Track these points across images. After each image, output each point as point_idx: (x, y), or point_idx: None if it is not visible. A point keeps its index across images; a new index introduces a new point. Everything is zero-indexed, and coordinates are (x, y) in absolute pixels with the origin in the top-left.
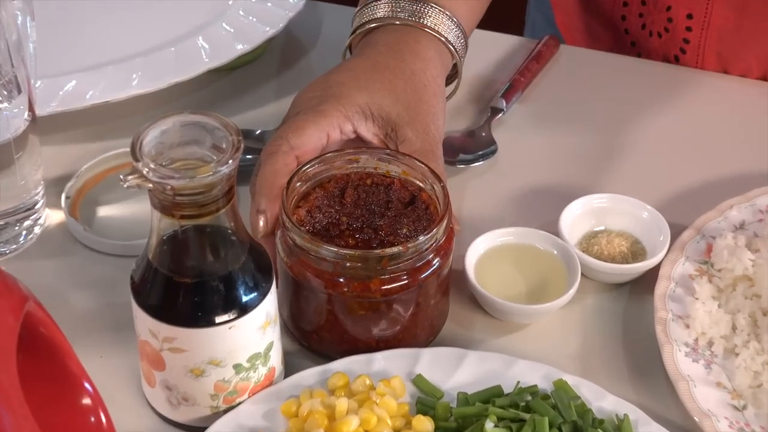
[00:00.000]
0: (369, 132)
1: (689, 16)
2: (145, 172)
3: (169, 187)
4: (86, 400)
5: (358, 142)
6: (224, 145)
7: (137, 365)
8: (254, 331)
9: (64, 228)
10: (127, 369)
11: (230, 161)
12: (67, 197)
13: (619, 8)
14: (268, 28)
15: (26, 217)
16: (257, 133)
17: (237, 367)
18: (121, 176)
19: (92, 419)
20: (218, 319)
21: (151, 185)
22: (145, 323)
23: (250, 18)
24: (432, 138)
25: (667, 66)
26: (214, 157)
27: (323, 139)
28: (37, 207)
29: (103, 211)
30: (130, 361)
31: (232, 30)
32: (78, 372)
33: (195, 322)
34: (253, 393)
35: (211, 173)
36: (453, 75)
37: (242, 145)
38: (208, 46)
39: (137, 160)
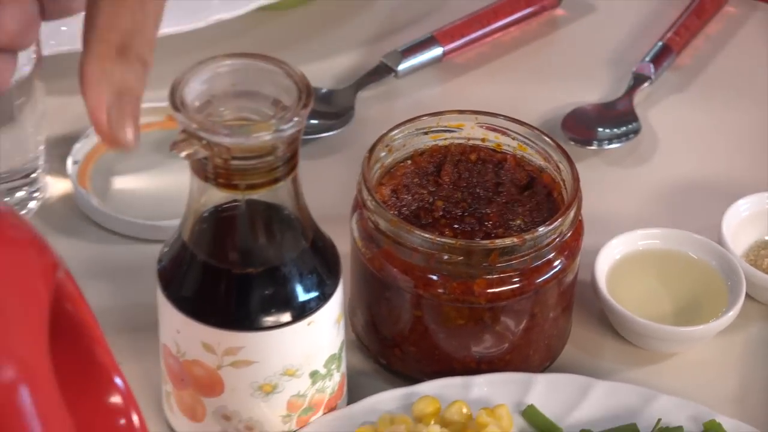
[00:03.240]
0: None
1: None
2: (193, 129)
3: (225, 148)
4: (115, 398)
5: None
6: (288, 99)
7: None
8: (332, 326)
9: (70, 201)
10: (149, 381)
11: (295, 119)
12: (74, 162)
13: None
14: None
15: (19, 187)
16: (323, 91)
17: (314, 376)
18: (172, 144)
19: (122, 421)
20: (297, 314)
21: (209, 153)
22: (195, 337)
23: None
24: None
25: None
26: (272, 114)
27: None
28: (35, 173)
29: (122, 182)
30: (156, 372)
31: None
32: (108, 363)
33: (269, 321)
34: (329, 409)
35: (271, 131)
36: None
37: (312, 100)
38: None
39: (177, 110)
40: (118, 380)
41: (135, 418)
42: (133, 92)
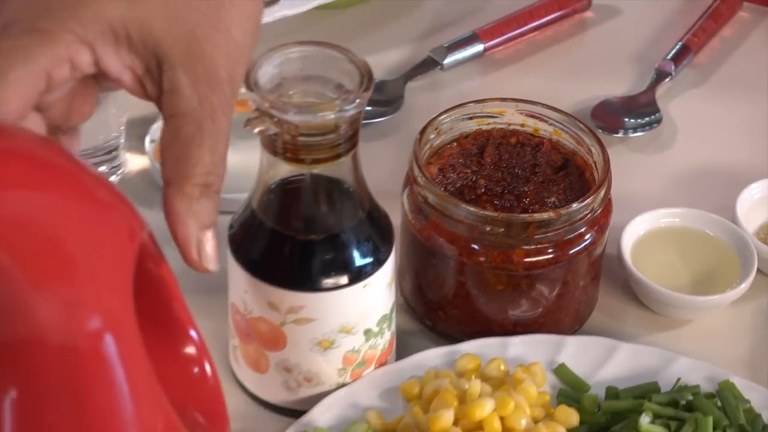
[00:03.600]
0: (119, 64)
1: None
2: (266, 107)
3: (294, 125)
4: (190, 349)
5: (93, 83)
6: (350, 84)
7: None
8: (384, 289)
9: (148, 176)
10: (218, 336)
11: (357, 101)
12: (151, 141)
13: None
14: None
15: (102, 163)
16: (376, 81)
17: (367, 333)
18: (246, 122)
19: (195, 370)
20: (353, 277)
21: (279, 129)
22: (261, 296)
23: None
24: (220, 94)
25: None
26: (335, 97)
27: (38, 85)
28: (116, 151)
29: None
30: (224, 328)
31: None
32: (184, 318)
33: (329, 283)
34: (380, 364)
35: (335, 111)
36: None
37: (372, 85)
38: None
39: (251, 90)
40: (193, 333)
41: (207, 367)
42: (214, 224)
